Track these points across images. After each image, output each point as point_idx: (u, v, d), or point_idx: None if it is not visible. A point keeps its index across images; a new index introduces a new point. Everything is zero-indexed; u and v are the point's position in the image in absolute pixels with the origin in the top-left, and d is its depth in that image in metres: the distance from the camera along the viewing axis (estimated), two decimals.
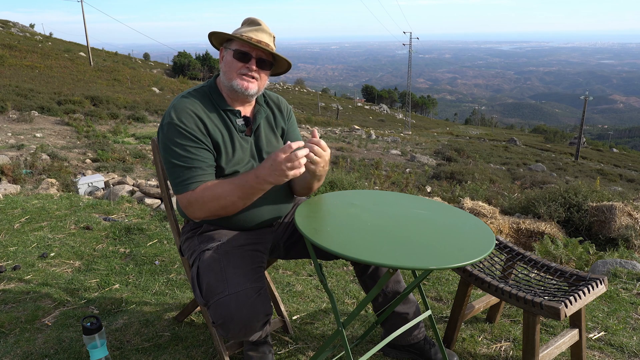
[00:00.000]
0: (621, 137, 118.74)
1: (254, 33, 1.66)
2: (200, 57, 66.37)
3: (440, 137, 36.77)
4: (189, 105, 1.64)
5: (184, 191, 1.59)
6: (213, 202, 1.57)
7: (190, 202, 1.59)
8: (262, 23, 1.70)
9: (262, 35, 1.67)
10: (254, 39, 1.64)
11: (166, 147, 1.63)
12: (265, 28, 1.70)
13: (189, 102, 1.66)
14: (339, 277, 2.95)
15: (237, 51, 1.66)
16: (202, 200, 1.57)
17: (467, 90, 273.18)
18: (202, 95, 1.71)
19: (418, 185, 12.96)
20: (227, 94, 1.73)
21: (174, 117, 1.61)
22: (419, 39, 58.00)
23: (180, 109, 1.63)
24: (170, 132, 1.61)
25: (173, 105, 1.65)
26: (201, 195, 1.57)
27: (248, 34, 1.65)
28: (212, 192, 1.56)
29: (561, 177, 19.75)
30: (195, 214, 1.62)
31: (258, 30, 1.67)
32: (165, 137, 1.63)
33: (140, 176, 9.30)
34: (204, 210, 1.60)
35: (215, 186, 1.57)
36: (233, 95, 1.72)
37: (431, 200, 1.83)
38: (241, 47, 1.66)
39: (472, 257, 1.29)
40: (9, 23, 52.45)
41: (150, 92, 33.05)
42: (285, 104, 1.92)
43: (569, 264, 3.75)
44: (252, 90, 1.69)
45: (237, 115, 1.74)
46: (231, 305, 1.51)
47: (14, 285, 2.70)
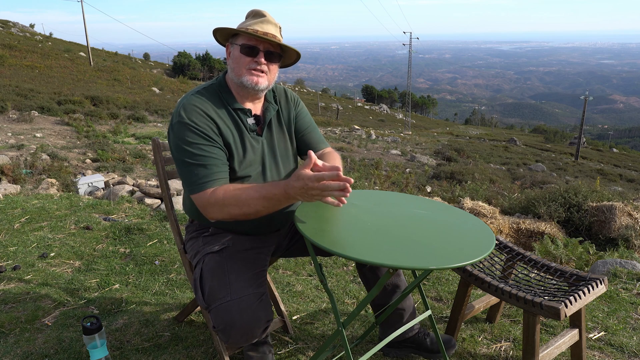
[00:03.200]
0: (621, 137, 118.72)
1: (259, 25, 1.61)
2: (200, 57, 66.38)
3: (440, 137, 36.76)
4: (199, 105, 1.60)
5: (201, 190, 1.54)
6: (235, 207, 1.50)
7: (210, 203, 1.52)
8: (266, 14, 1.65)
9: (267, 27, 1.61)
10: (260, 31, 1.59)
11: (178, 147, 1.57)
12: (271, 19, 1.64)
13: (199, 101, 1.61)
14: (339, 277, 2.95)
15: (244, 45, 1.61)
16: (223, 203, 1.51)
17: (467, 90, 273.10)
18: (211, 94, 1.65)
19: (418, 185, 12.96)
20: (236, 90, 1.68)
21: (184, 116, 1.56)
22: (419, 39, 58.00)
23: (189, 109, 1.58)
24: (181, 131, 1.56)
25: (182, 104, 1.60)
26: (223, 197, 1.50)
27: (253, 27, 1.60)
28: (235, 198, 1.49)
29: (561, 177, 19.75)
30: (214, 215, 1.55)
31: (263, 22, 1.62)
32: (177, 137, 1.57)
33: (140, 176, 9.30)
34: (224, 213, 1.53)
35: (240, 192, 1.50)
36: (243, 92, 1.67)
37: (431, 200, 1.83)
38: (247, 41, 1.61)
39: (472, 257, 1.29)
40: (9, 23, 52.44)
41: (150, 92, 33.06)
42: (292, 93, 1.87)
43: (569, 264, 3.75)
44: (263, 85, 1.64)
45: (247, 115, 1.69)
46: (233, 311, 1.50)
47: (14, 285, 2.70)
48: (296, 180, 1.38)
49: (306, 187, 1.36)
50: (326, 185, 1.34)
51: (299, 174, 1.37)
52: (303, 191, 1.37)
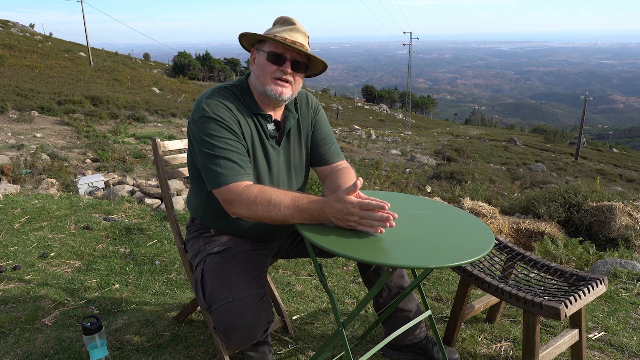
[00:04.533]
0: (621, 137, 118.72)
1: (288, 33, 1.56)
2: (200, 57, 66.43)
3: (440, 137, 36.77)
4: (223, 100, 1.57)
5: (230, 183, 1.48)
6: (264, 208, 1.44)
7: (241, 198, 1.46)
8: (296, 22, 1.60)
9: (296, 36, 1.57)
10: (289, 39, 1.54)
11: (202, 141, 1.52)
12: (300, 27, 1.59)
13: (222, 97, 1.58)
14: (339, 277, 2.95)
15: (271, 53, 1.56)
16: (255, 201, 1.45)
17: (467, 90, 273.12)
18: (233, 94, 1.62)
19: (418, 185, 12.97)
20: (258, 97, 1.65)
21: (208, 110, 1.53)
22: (419, 39, 58.03)
23: (213, 104, 1.54)
24: (207, 125, 1.52)
25: (204, 100, 1.56)
26: (256, 195, 1.45)
27: (282, 35, 1.55)
28: (268, 198, 1.44)
29: (561, 177, 19.76)
30: (239, 210, 1.49)
31: (292, 30, 1.57)
32: (201, 131, 1.53)
33: (140, 176, 9.30)
34: (251, 211, 1.46)
35: (274, 194, 1.45)
36: (265, 100, 1.64)
37: (431, 200, 1.83)
38: (275, 49, 1.56)
39: (472, 257, 1.29)
40: (9, 23, 52.43)
41: (150, 92, 33.05)
42: (313, 99, 1.84)
43: (569, 264, 3.75)
44: (286, 96, 1.60)
45: (268, 120, 1.66)
46: (234, 312, 1.50)
47: (14, 285, 2.70)
48: (337, 201, 1.36)
49: (346, 210, 1.35)
50: (369, 214, 1.33)
51: (342, 197, 1.35)
52: (342, 214, 1.36)
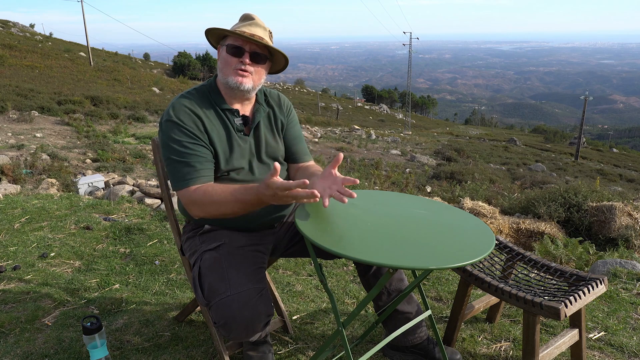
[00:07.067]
0: (621, 137, 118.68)
1: (247, 27, 1.66)
2: (200, 57, 66.36)
3: (440, 137, 36.76)
4: (187, 104, 1.66)
5: (183, 187, 1.60)
6: (214, 207, 1.57)
7: (192, 201, 1.59)
8: (255, 17, 1.71)
9: (255, 29, 1.67)
10: (247, 32, 1.64)
11: (165, 145, 1.64)
12: (259, 22, 1.70)
13: (187, 101, 1.67)
14: (339, 277, 2.95)
15: (230, 46, 1.66)
16: (202, 202, 1.57)
17: (467, 90, 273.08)
18: (201, 95, 1.71)
19: (418, 185, 12.97)
20: (225, 92, 1.73)
21: (171, 114, 1.63)
22: (419, 39, 58.01)
23: (178, 108, 1.64)
24: (168, 129, 1.63)
25: (172, 104, 1.67)
26: (201, 198, 1.57)
27: (241, 29, 1.66)
28: (211, 199, 1.56)
29: (561, 177, 19.75)
30: (196, 212, 1.62)
31: (252, 25, 1.68)
32: (164, 135, 1.64)
33: (140, 176, 9.30)
34: (205, 212, 1.60)
35: (216, 194, 1.56)
36: (230, 93, 1.72)
37: (431, 200, 1.83)
38: (234, 42, 1.66)
39: (472, 257, 1.29)
40: (9, 23, 52.41)
41: (150, 92, 33.04)
42: (285, 100, 1.93)
43: (569, 264, 3.75)
44: (247, 85, 1.68)
45: (235, 115, 1.74)
46: (233, 306, 1.51)
47: (14, 285, 2.70)
48: (266, 188, 1.43)
49: (276, 195, 1.41)
50: (295, 194, 1.39)
51: (268, 183, 1.42)
52: (276, 198, 1.43)
